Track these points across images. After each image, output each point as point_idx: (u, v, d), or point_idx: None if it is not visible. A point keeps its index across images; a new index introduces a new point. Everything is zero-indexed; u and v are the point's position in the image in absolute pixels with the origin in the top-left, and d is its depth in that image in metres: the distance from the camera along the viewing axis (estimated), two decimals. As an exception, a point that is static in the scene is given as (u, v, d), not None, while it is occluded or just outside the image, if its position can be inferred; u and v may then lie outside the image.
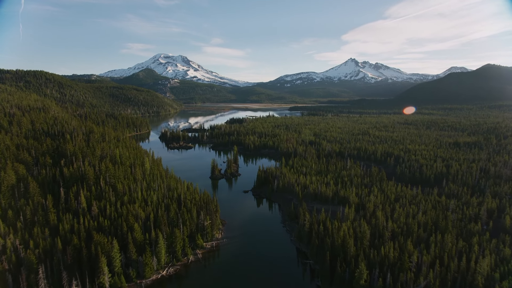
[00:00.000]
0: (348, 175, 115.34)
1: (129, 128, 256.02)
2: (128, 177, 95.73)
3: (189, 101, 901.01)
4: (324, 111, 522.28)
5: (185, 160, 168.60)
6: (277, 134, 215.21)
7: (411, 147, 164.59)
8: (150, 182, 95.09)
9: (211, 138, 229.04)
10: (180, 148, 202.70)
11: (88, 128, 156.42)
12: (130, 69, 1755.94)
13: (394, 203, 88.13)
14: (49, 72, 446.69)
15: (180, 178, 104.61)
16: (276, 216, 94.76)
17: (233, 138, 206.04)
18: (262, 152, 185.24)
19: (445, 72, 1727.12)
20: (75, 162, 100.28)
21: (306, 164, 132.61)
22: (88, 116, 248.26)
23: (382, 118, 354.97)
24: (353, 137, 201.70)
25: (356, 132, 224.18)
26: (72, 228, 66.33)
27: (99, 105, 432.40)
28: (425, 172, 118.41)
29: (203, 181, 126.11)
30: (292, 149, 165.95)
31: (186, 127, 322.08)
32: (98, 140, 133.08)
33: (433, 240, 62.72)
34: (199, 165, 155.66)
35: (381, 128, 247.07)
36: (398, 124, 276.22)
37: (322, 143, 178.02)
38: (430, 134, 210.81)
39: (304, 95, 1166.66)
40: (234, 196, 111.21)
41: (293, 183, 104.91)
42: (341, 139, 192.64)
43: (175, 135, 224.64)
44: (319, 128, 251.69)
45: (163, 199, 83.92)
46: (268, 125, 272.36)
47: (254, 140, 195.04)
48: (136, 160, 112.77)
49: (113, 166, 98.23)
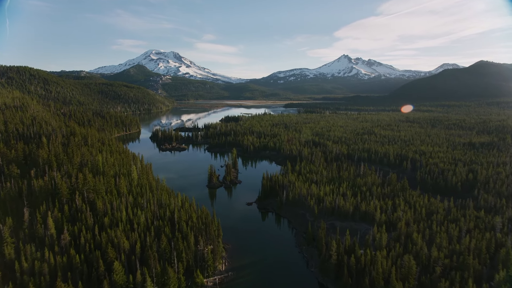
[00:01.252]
0: (365, 183, 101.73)
1: (118, 127, 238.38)
2: (111, 191, 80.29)
3: (182, 98, 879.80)
4: (321, 108, 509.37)
5: (179, 164, 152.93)
6: (277, 134, 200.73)
7: (424, 148, 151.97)
8: (138, 196, 79.79)
9: (206, 138, 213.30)
10: (173, 149, 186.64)
11: (69, 130, 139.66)
12: (121, 65, 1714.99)
13: (427, 220, 74.78)
14: (34, 68, 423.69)
15: (173, 191, 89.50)
16: (288, 237, 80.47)
17: (230, 138, 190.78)
18: (262, 155, 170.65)
19: (437, 68, 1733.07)
20: (48, 172, 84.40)
21: (315, 169, 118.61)
22: (73, 115, 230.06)
23: (382, 115, 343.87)
24: (359, 137, 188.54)
25: (360, 131, 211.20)
26: (33, 268, 51.02)
27: (87, 103, 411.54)
28: (450, 179, 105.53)
29: (199, 190, 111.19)
30: (296, 151, 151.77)
31: (179, 126, 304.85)
32: (79, 144, 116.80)
33: (500, 280, 49.18)
34: (194, 170, 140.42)
35: (385, 127, 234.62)
36: (401, 122, 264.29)
37: (328, 144, 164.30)
38: (438, 133, 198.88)
39: (298, 92, 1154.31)
40: (236, 209, 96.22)
41: (305, 195, 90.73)
42: (346, 140, 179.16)
43: (167, 135, 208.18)
44: (320, 127, 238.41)
45: (152, 220, 68.86)
46: (265, 124, 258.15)
47: (254, 141, 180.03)
48: (122, 168, 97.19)
49: (93, 177, 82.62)
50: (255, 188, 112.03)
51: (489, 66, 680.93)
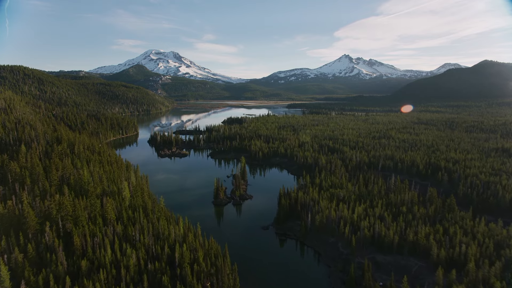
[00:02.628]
0: (402, 201, 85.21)
1: (113, 130, 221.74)
2: (95, 217, 63.79)
3: (182, 98, 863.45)
4: (326, 108, 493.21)
5: (179, 174, 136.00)
6: (286, 138, 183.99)
7: (455, 155, 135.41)
8: (129, 224, 63.28)
9: (209, 142, 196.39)
10: (173, 155, 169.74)
11: (55, 135, 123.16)
12: (121, 65, 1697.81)
13: (498, 257, 58.36)
14: (29, 67, 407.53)
15: (173, 214, 73.02)
16: (319, 275, 63.69)
17: (236, 143, 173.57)
18: (272, 162, 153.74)
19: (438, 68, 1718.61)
20: (19, 192, 67.91)
21: (338, 182, 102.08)
22: (66, 117, 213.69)
23: (391, 116, 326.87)
24: (375, 141, 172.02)
25: (376, 134, 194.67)
26: None
27: (84, 103, 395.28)
28: (501, 195, 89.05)
29: (204, 208, 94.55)
30: (311, 158, 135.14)
31: (179, 128, 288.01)
32: (63, 153, 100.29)
33: None
34: (197, 182, 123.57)
35: (401, 129, 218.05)
36: (415, 124, 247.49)
37: (345, 151, 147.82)
38: (461, 137, 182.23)
39: (299, 92, 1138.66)
40: (249, 234, 79.20)
41: (334, 218, 74.24)
42: (364, 145, 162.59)
43: (167, 140, 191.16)
44: (331, 130, 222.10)
45: (146, 262, 52.37)
46: (271, 126, 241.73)
47: (262, 147, 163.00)
48: (112, 184, 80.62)
49: (74, 199, 66.10)
50: (269, 205, 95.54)
51: (493, 65, 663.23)
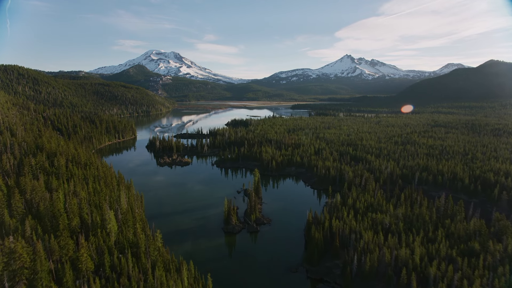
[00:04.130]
0: (466, 231, 66.68)
1: (109, 134, 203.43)
2: (63, 271, 45.45)
3: (183, 99, 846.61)
4: (332, 109, 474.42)
5: (181, 188, 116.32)
6: (300, 144, 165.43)
7: (500, 165, 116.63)
8: (112, 277, 44.98)
9: (213, 148, 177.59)
10: (173, 164, 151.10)
11: (35, 143, 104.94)
12: (121, 65, 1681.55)
13: None
14: (24, 67, 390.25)
15: (173, 256, 54.68)
16: None
17: (245, 151, 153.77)
18: (287, 172, 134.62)
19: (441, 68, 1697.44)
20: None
21: (373, 201, 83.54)
22: (56, 119, 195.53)
23: (404, 118, 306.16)
24: (399, 147, 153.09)
25: (397, 139, 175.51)
26: None
27: (80, 104, 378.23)
28: None
29: (212, 237, 75.88)
30: (334, 170, 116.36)
31: (180, 131, 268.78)
32: (38, 167, 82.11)
33: None
34: (202, 198, 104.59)
35: (422, 133, 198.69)
36: (433, 127, 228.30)
37: (370, 160, 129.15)
38: (493, 142, 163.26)
39: (302, 92, 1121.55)
40: (275, 280, 59.57)
41: (389, 261, 55.85)
42: (388, 152, 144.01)
43: (167, 145, 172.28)
44: (345, 133, 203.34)
45: None
46: (280, 129, 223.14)
47: (274, 154, 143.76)
48: (95, 212, 62.30)
49: (35, 241, 47.84)
50: (292, 233, 77.15)
51: (499, 65, 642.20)
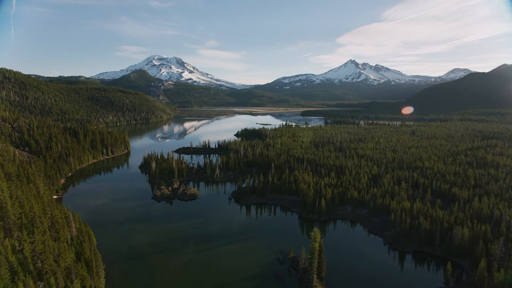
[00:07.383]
0: None
1: (94, 149, 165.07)
2: None
3: (185, 105, 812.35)
4: (348, 117, 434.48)
5: (185, 250, 69.56)
6: (344, 166, 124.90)
7: None
8: None
9: (227, 170, 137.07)
10: (174, 197, 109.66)
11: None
12: (123, 71, 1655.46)
13: None
14: (12, 70, 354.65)
15: None
16: None
17: (275, 180, 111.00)
18: (340, 214, 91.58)
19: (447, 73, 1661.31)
20: None
21: None
22: (31, 130, 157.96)
23: (439, 128, 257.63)
24: (477, 171, 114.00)
25: (461, 158, 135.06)
26: None
27: (72, 111, 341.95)
28: None
29: None
30: (424, 220, 76.07)
31: (183, 144, 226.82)
32: None
33: None
34: (224, 277, 64.69)
35: (486, 148, 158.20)
36: (487, 139, 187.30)
37: (459, 195, 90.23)
38: None
39: (307, 98, 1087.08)
40: None
41: None
42: (466, 177, 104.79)
43: (165, 168, 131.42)
44: (390, 149, 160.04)
45: None
46: (306, 143, 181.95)
47: (318, 185, 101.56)
48: None
49: None
50: None
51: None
